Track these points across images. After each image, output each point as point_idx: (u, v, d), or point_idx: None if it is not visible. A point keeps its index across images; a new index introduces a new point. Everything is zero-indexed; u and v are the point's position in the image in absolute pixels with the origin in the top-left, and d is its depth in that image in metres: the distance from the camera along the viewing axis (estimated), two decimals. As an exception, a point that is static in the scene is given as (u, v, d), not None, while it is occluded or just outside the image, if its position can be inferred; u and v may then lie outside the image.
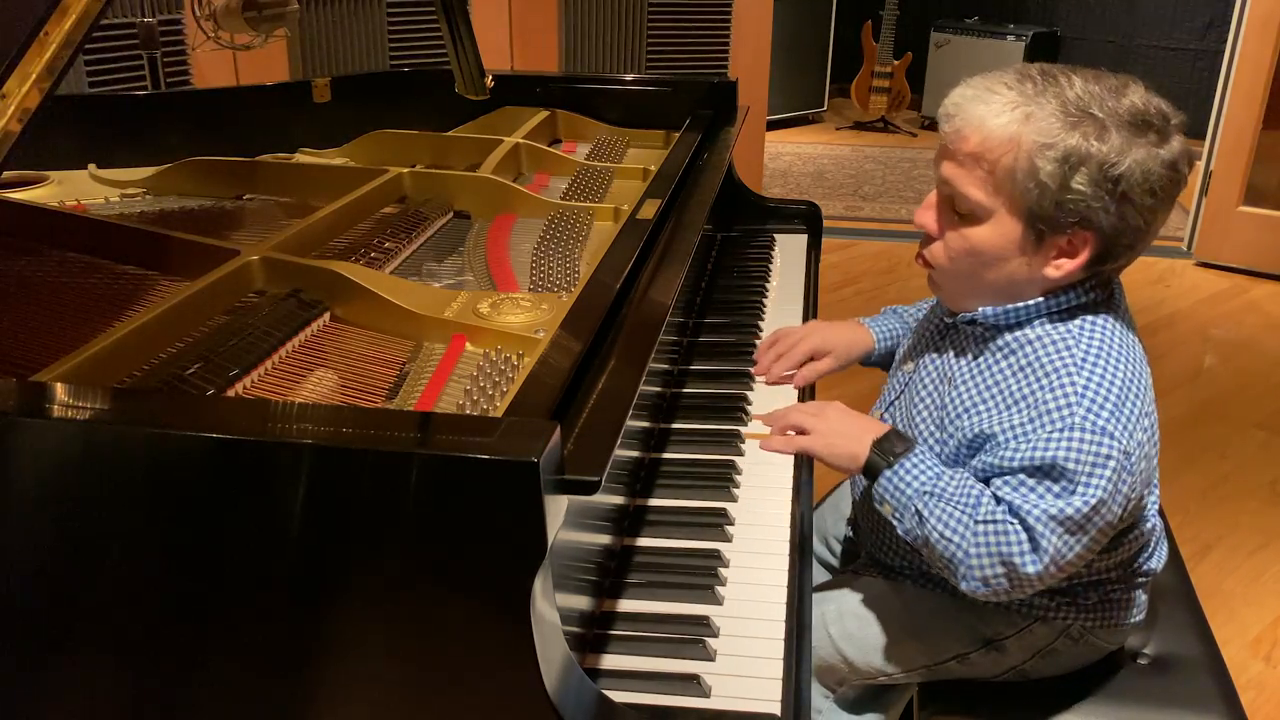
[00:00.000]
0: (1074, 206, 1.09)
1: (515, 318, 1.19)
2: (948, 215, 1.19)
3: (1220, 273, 4.16)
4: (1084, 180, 1.08)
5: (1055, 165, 1.08)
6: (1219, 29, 5.02)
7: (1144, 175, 1.07)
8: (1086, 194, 1.08)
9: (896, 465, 1.18)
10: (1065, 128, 1.08)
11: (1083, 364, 1.12)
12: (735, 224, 2.08)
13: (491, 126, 2.02)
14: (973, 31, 6.03)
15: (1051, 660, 1.30)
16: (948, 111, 1.16)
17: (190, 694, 0.86)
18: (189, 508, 0.81)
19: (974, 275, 1.19)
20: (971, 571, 1.13)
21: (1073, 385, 1.11)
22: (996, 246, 1.15)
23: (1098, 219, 1.10)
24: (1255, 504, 2.63)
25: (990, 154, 1.11)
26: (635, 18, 3.70)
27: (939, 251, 1.21)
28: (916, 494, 1.16)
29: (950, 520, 1.14)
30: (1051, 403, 1.11)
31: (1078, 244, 1.13)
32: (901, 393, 1.36)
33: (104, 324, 1.15)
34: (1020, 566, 1.10)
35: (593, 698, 0.84)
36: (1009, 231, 1.14)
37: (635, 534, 1.17)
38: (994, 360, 1.20)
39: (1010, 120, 1.10)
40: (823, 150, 5.84)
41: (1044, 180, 1.09)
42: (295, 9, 1.80)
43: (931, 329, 1.34)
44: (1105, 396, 1.10)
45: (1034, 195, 1.10)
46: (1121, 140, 1.07)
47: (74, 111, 1.82)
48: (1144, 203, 1.09)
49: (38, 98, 0.92)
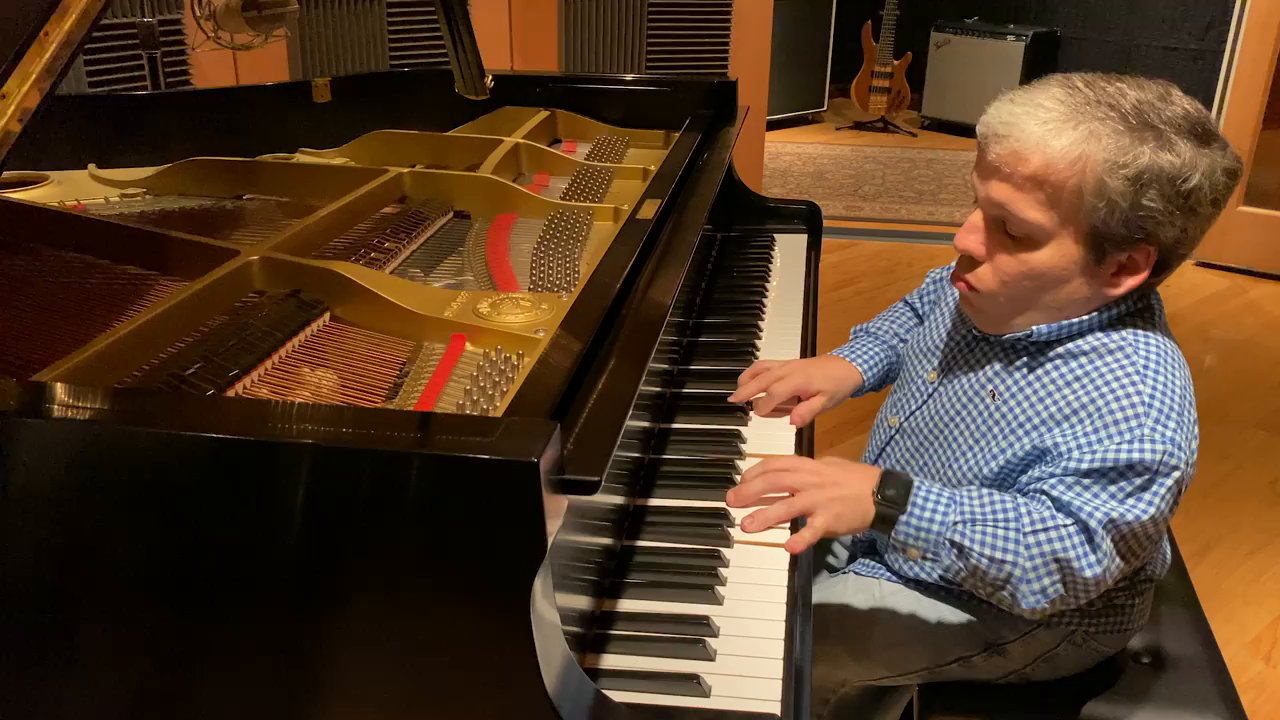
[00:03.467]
0: (1143, 223, 1.06)
1: (515, 318, 1.19)
2: (998, 238, 1.13)
3: (1220, 273, 4.16)
4: (1155, 196, 1.04)
5: (1127, 184, 1.04)
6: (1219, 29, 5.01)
7: (1211, 186, 1.05)
8: (1157, 209, 1.05)
9: (910, 508, 1.10)
10: (1134, 143, 1.04)
11: (1145, 372, 1.10)
12: (735, 224, 2.08)
13: (491, 126, 2.02)
14: (973, 31, 6.03)
15: (1053, 664, 1.30)
16: (998, 132, 1.09)
17: (191, 694, 0.86)
18: (189, 508, 0.81)
19: (1030, 298, 1.15)
20: (1030, 586, 1.08)
21: (1139, 394, 1.08)
22: (1057, 268, 1.11)
23: (1161, 233, 1.07)
24: (1255, 504, 2.63)
25: (1055, 176, 1.06)
26: (635, 18, 3.70)
27: (987, 276, 1.15)
28: (947, 527, 1.09)
29: (997, 541, 1.07)
30: (1119, 412, 1.08)
31: (1139, 259, 1.10)
32: (925, 403, 1.32)
33: (104, 324, 1.15)
34: (1079, 570, 1.06)
35: (593, 698, 0.84)
36: (1070, 253, 1.10)
37: (635, 534, 1.17)
38: (1046, 373, 1.16)
39: (1075, 140, 1.05)
40: (823, 150, 5.84)
41: (1114, 199, 1.05)
42: (295, 9, 1.80)
43: (962, 341, 1.29)
44: (1170, 406, 1.07)
45: (1102, 214, 1.06)
46: (1189, 150, 1.04)
47: (74, 111, 1.82)
48: (1206, 213, 1.07)
49: (38, 98, 0.92)
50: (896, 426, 1.38)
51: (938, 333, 1.36)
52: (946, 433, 1.27)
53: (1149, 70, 1.19)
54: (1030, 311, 1.16)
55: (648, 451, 1.30)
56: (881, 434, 1.41)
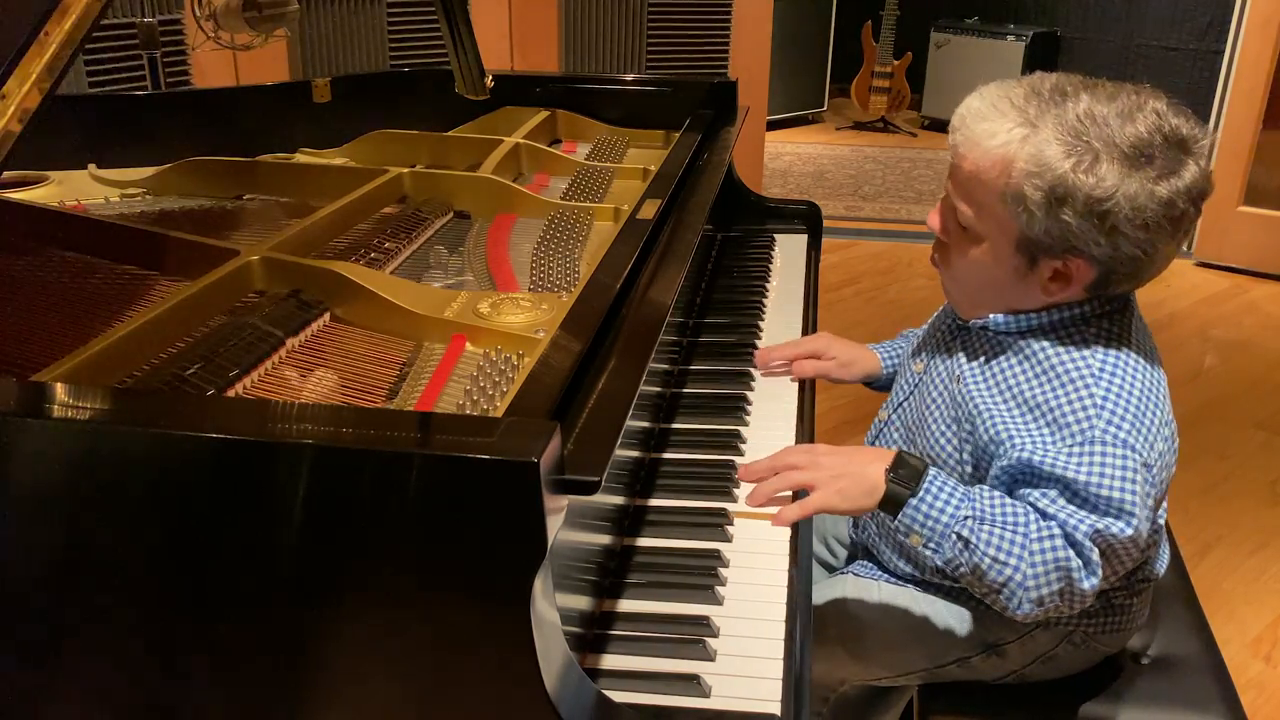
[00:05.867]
0: (1062, 236, 1.07)
1: (515, 318, 1.19)
2: (954, 224, 1.18)
3: (1220, 273, 4.16)
4: (1070, 213, 1.05)
5: (1042, 195, 1.06)
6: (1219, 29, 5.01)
7: (1134, 210, 1.04)
8: (1073, 225, 1.06)
9: (922, 493, 1.09)
10: (1059, 156, 1.05)
11: (1100, 374, 1.10)
12: (735, 224, 2.08)
13: (491, 126, 2.02)
14: (973, 31, 6.03)
15: (1052, 665, 1.30)
16: (954, 124, 1.14)
17: (191, 694, 0.86)
18: (189, 508, 0.81)
19: (979, 289, 1.19)
20: (1027, 594, 1.07)
21: (1090, 397, 1.09)
22: (992, 267, 1.15)
23: (1089, 250, 1.08)
24: (1255, 504, 2.63)
25: (983, 175, 1.10)
26: (635, 18, 3.70)
27: (946, 255, 1.22)
28: (955, 520, 1.08)
29: (1003, 544, 1.07)
30: (1070, 415, 1.09)
31: (1072, 270, 1.11)
32: (911, 393, 1.34)
33: (104, 324, 1.15)
34: (1078, 583, 1.07)
35: (593, 698, 0.84)
36: (1003, 254, 1.13)
37: (635, 534, 1.17)
38: (1007, 364, 1.18)
39: (1005, 142, 1.07)
40: (823, 150, 5.84)
41: (1032, 209, 1.07)
42: (295, 9, 1.80)
43: (943, 330, 1.32)
44: (1125, 408, 1.08)
45: (1023, 220, 1.08)
46: (1114, 173, 1.04)
47: (74, 111, 1.82)
48: (1137, 236, 1.06)
49: (38, 98, 0.92)
50: (885, 419, 1.39)
51: (929, 328, 1.38)
52: (926, 421, 1.28)
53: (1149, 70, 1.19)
54: (986, 304, 1.19)
55: (648, 451, 1.30)
56: (874, 428, 1.43)
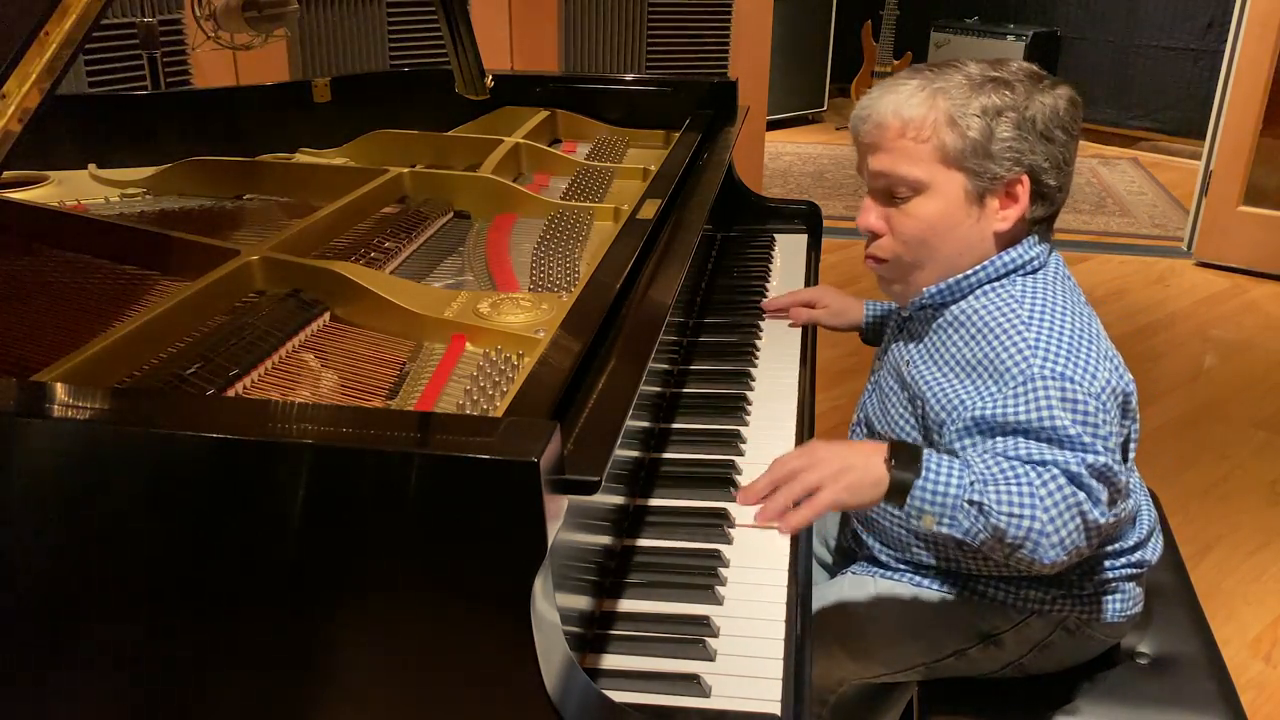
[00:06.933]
0: (1004, 154, 1.19)
1: (515, 318, 1.19)
2: (889, 208, 1.25)
3: (1220, 273, 4.16)
4: (1007, 127, 1.18)
5: (979, 120, 1.18)
6: (1219, 29, 5.01)
7: (1053, 113, 1.19)
8: (1011, 138, 1.18)
9: (925, 473, 1.09)
10: (975, 92, 1.19)
11: (1030, 320, 1.17)
12: (735, 224, 2.08)
13: (491, 126, 2.02)
14: (973, 31, 6.03)
15: (1049, 654, 1.30)
16: (860, 115, 1.25)
17: (191, 694, 0.86)
18: (189, 508, 0.81)
19: (930, 250, 1.25)
20: (1050, 539, 1.08)
21: (1024, 340, 1.15)
22: (943, 212, 1.22)
23: (1027, 160, 1.19)
24: (1255, 504, 2.63)
25: (915, 132, 1.20)
26: (635, 18, 3.70)
27: (889, 244, 1.27)
28: (964, 488, 1.09)
29: (1014, 498, 1.08)
30: (1008, 362, 1.15)
31: (1016, 190, 1.21)
32: (871, 393, 1.41)
33: (104, 324, 1.15)
34: (1089, 516, 1.09)
35: (593, 698, 0.84)
36: (952, 196, 1.21)
37: (635, 534, 1.17)
38: (944, 335, 1.25)
39: (924, 99, 1.20)
40: (823, 150, 5.84)
41: (973, 137, 1.18)
42: (295, 9, 1.80)
43: (893, 326, 1.40)
44: (1058, 346, 1.14)
45: (967, 154, 1.19)
46: (1025, 90, 1.19)
47: (74, 111, 1.82)
48: (1060, 138, 1.20)
49: (38, 98, 0.92)
50: (856, 420, 1.46)
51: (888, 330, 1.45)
52: (887, 409, 1.34)
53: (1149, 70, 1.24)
54: (934, 269, 1.26)
55: (648, 451, 1.30)
56: (851, 428, 1.48)
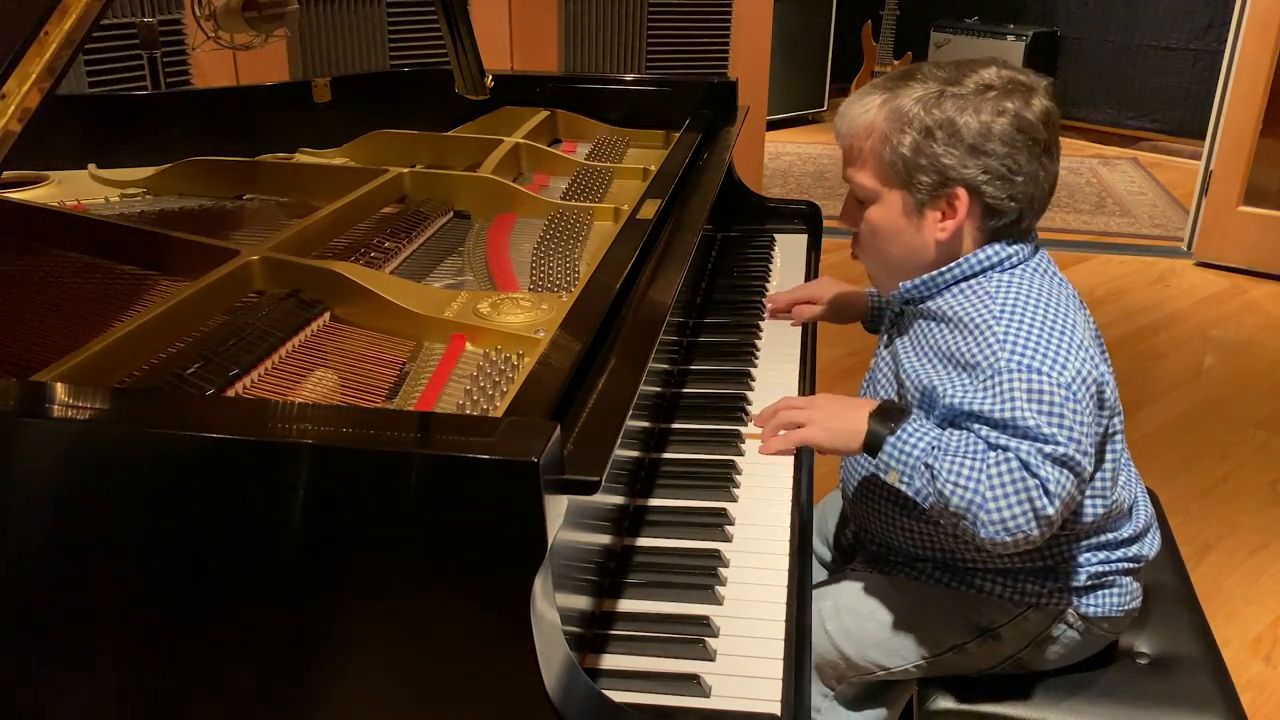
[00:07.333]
0: (932, 165, 1.22)
1: (515, 318, 1.19)
2: (856, 211, 1.33)
3: (1220, 273, 4.16)
4: (935, 143, 1.21)
5: (908, 136, 1.22)
6: (1219, 29, 5.01)
7: (983, 126, 1.20)
8: (938, 152, 1.21)
9: (899, 431, 1.19)
10: (913, 104, 1.22)
11: (1001, 315, 1.19)
12: (735, 224, 2.08)
13: (491, 126, 2.02)
14: (973, 31, 6.03)
15: (1048, 649, 1.31)
16: (836, 124, 1.32)
17: (190, 695, 0.86)
18: (189, 508, 0.81)
19: (884, 253, 1.31)
20: (990, 516, 1.10)
21: (993, 334, 1.18)
22: (887, 220, 1.28)
23: (958, 174, 1.21)
24: (1255, 504, 2.63)
25: (859, 142, 1.27)
26: (635, 18, 3.70)
27: (858, 240, 1.35)
28: (924, 452, 1.16)
29: (962, 469, 1.12)
30: (979, 355, 1.18)
31: (954, 203, 1.23)
32: (869, 380, 1.44)
33: (104, 324, 1.15)
34: (1040, 503, 1.10)
35: (593, 698, 0.84)
36: (892, 205, 1.27)
37: (635, 534, 1.17)
38: (928, 328, 1.29)
39: (867, 109, 1.26)
40: (823, 150, 5.83)
41: (903, 152, 1.23)
42: (295, 9, 1.80)
43: (889, 318, 1.43)
44: (1025, 338, 1.16)
45: (899, 166, 1.24)
46: (957, 104, 1.21)
47: (74, 111, 1.82)
48: (998, 150, 1.20)
49: (38, 98, 0.92)
50: None
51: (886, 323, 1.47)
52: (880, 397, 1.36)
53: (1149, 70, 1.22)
54: (896, 269, 1.32)
55: (648, 451, 1.30)
56: None
